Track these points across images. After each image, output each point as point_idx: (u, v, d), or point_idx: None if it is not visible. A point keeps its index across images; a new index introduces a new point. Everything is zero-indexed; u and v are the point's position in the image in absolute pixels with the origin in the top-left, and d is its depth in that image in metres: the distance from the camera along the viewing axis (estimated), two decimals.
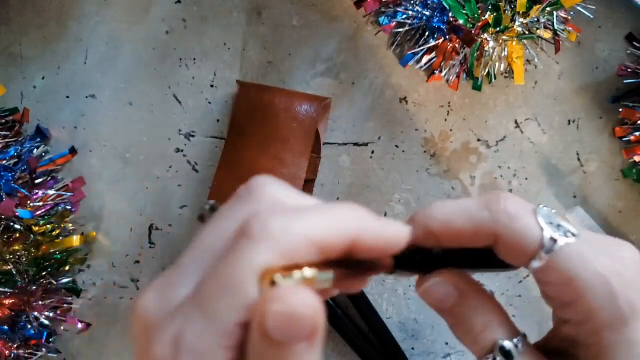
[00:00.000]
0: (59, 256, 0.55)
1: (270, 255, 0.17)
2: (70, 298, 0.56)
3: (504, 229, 0.20)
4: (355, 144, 0.57)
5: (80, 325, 0.56)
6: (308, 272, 0.17)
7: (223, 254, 0.17)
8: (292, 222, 0.17)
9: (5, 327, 0.51)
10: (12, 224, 0.51)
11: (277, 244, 0.17)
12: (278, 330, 0.15)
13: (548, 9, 0.50)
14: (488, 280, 0.57)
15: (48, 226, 0.54)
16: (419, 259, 0.23)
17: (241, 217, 0.18)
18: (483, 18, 0.50)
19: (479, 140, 0.57)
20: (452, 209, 0.21)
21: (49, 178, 0.56)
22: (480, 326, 0.22)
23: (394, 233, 0.20)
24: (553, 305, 0.22)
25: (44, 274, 0.53)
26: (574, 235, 0.20)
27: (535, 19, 0.51)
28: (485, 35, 0.51)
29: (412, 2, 0.52)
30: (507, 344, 0.21)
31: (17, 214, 0.50)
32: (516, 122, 0.57)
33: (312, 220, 0.18)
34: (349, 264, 0.20)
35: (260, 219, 0.17)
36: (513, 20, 0.50)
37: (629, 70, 0.55)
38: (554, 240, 0.20)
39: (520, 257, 0.20)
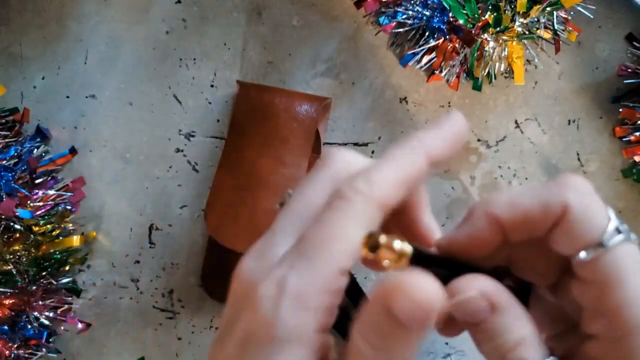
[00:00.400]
0: (59, 256, 0.55)
1: (366, 205, 0.19)
2: (70, 298, 0.56)
3: (575, 201, 0.19)
4: (355, 144, 0.57)
5: (80, 325, 0.56)
6: (407, 246, 0.18)
7: (319, 211, 0.19)
8: (371, 174, 0.19)
9: (5, 327, 0.51)
10: (12, 224, 0.51)
11: (367, 196, 0.19)
12: (406, 315, 0.16)
13: (548, 9, 0.50)
14: None
15: (48, 226, 0.54)
16: (427, 264, 0.20)
17: (322, 181, 0.21)
18: (483, 18, 0.50)
19: (479, 140, 0.57)
20: (517, 190, 0.21)
21: (49, 178, 0.56)
22: (511, 345, 0.20)
23: (455, 133, 0.23)
24: (580, 315, 0.21)
25: (44, 274, 0.53)
26: (634, 239, 0.19)
27: (535, 19, 0.51)
28: (485, 35, 0.51)
29: (412, 2, 0.52)
30: None
31: (17, 214, 0.50)
32: (516, 122, 0.57)
33: (386, 164, 0.20)
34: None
35: (346, 182, 0.19)
36: (513, 20, 0.50)
37: (629, 70, 0.55)
38: (618, 232, 0.18)
39: (578, 241, 0.19)
